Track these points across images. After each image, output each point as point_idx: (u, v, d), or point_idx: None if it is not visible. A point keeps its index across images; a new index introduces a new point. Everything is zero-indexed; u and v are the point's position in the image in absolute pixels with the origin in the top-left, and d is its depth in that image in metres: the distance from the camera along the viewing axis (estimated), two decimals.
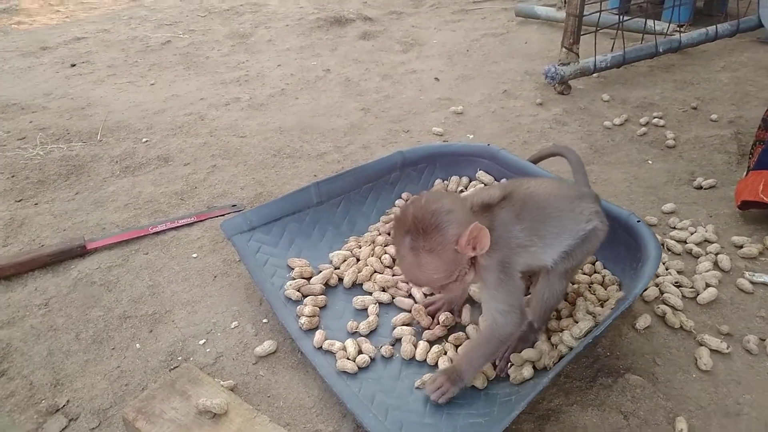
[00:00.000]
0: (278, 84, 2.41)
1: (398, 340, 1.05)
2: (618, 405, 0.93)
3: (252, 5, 3.49)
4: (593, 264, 1.17)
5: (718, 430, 0.91)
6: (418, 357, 1.02)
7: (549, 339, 1.02)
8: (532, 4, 3.00)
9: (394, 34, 2.91)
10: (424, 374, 0.98)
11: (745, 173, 1.43)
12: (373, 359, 1.01)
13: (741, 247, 1.28)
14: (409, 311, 1.10)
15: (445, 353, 1.02)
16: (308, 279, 1.17)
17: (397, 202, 1.38)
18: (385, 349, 1.03)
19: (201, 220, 1.45)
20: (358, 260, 1.22)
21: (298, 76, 2.48)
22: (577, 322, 1.01)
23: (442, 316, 1.08)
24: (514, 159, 1.35)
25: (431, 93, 2.24)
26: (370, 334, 1.07)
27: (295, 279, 1.15)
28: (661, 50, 2.27)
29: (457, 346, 1.03)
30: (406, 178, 1.41)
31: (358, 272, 1.17)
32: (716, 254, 1.25)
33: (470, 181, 1.41)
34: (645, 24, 2.32)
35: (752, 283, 1.18)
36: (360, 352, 1.01)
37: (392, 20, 3.13)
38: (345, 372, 0.98)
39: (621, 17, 2.30)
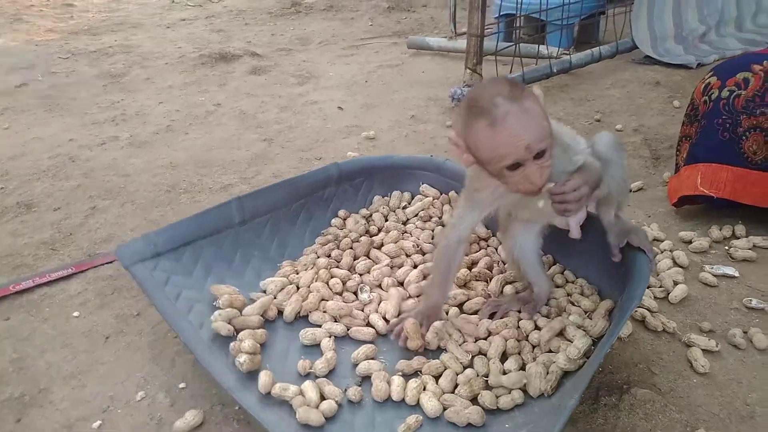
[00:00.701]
0: (162, 121, 2.14)
1: (366, 379, 0.85)
2: (632, 426, 0.79)
3: (123, 47, 3.18)
4: (562, 273, 1.05)
5: None
6: (394, 396, 0.82)
7: (535, 359, 0.87)
8: (423, 36, 3.01)
9: (287, 68, 2.76)
10: (407, 417, 0.78)
11: (675, 170, 1.42)
12: (339, 405, 0.80)
13: (690, 242, 1.24)
14: (372, 342, 0.90)
15: (425, 388, 0.83)
16: (240, 310, 0.93)
17: (333, 221, 1.19)
18: (353, 392, 0.82)
19: (81, 271, 1.15)
20: (298, 288, 1.01)
21: (184, 112, 2.23)
22: (571, 341, 0.87)
23: (430, 333, 0.91)
24: (462, 169, 1.22)
25: (337, 121, 2.10)
26: (330, 375, 0.85)
27: (223, 309, 0.91)
28: (555, 70, 2.32)
29: (437, 378, 0.85)
30: (341, 195, 1.23)
31: (303, 301, 0.96)
32: (671, 251, 1.20)
33: (413, 197, 1.26)
34: (538, 48, 2.38)
35: (714, 275, 1.12)
36: (323, 397, 0.80)
37: (282, 56, 2.98)
38: (308, 425, 0.75)
39: (517, 42, 2.34)
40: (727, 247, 1.22)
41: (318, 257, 1.08)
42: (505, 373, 0.85)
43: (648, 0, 2.65)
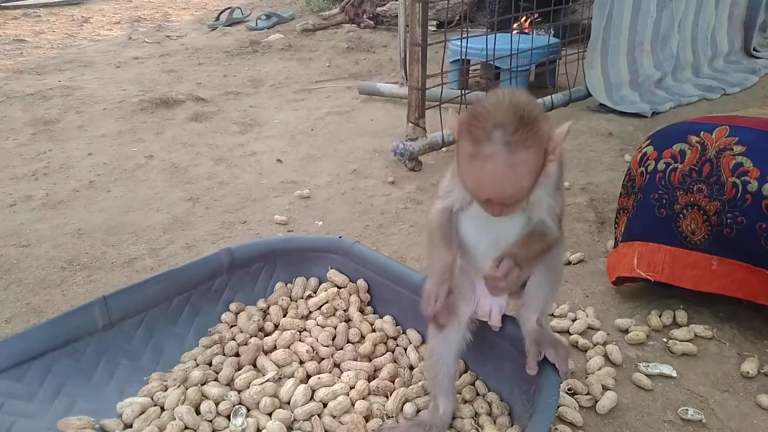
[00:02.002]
0: (86, 175, 2.00)
1: None
2: None
3: (64, 88, 3.04)
4: (473, 384, 0.93)
5: None
6: None
7: None
8: (374, 82, 2.93)
9: (231, 114, 2.65)
10: None
11: (614, 245, 1.32)
12: None
13: (626, 331, 1.13)
14: None
15: None
16: None
17: (223, 316, 1.05)
18: None
19: None
20: (162, 410, 0.86)
21: (112, 165, 2.09)
22: None
23: None
24: (372, 255, 1.10)
25: (273, 176, 1.98)
26: None
27: None
28: None
29: None
30: (236, 284, 1.09)
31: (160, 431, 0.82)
32: (604, 344, 1.09)
33: (320, 283, 1.13)
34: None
35: (648, 376, 1.01)
36: None
37: (228, 100, 2.87)
38: None
39: (463, 90, 2.26)
40: (665, 339, 1.11)
41: (197, 365, 0.94)
42: None
43: (602, 48, 2.61)
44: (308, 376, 0.93)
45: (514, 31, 3.15)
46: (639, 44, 2.77)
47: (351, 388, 0.89)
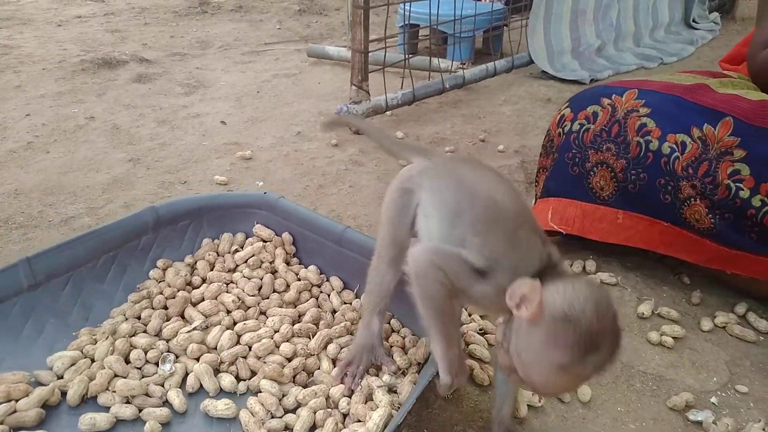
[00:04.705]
0: (24, 137, 1.96)
1: None
2: None
3: (1, 47, 2.93)
4: (389, 323, 1.00)
5: None
6: None
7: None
8: (323, 45, 2.93)
9: (176, 76, 2.61)
10: None
11: (534, 202, 1.41)
12: None
13: None
14: (167, 424, 0.82)
15: None
16: (17, 400, 0.82)
17: (151, 272, 1.08)
18: None
19: None
20: (92, 361, 0.90)
21: (51, 126, 2.06)
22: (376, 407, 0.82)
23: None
24: (297, 209, 1.15)
25: (216, 138, 1.99)
26: None
27: None
28: (447, 86, 2.30)
29: None
30: (162, 241, 1.12)
31: (90, 380, 0.86)
32: None
33: (246, 238, 1.18)
34: (430, 62, 2.35)
35: None
36: None
37: (174, 62, 2.82)
38: None
39: (407, 55, 2.29)
40: None
41: (126, 319, 0.97)
42: None
43: (544, 15, 2.67)
44: (234, 324, 0.98)
45: None
46: (582, 12, 2.86)
47: (275, 332, 0.95)
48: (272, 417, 0.83)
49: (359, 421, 0.81)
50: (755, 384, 1.01)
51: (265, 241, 1.15)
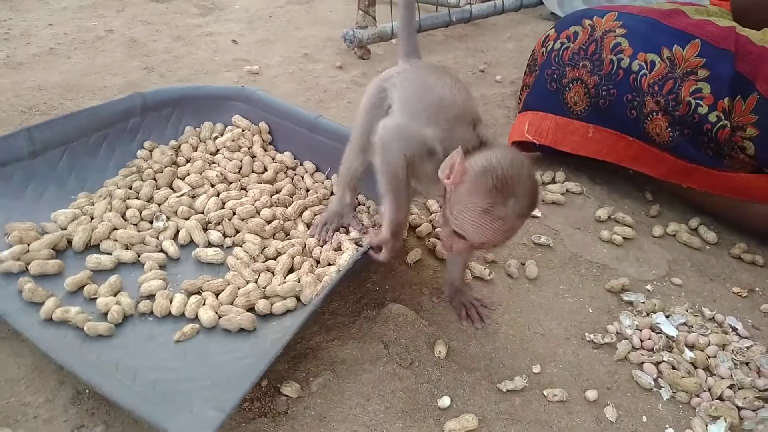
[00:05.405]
0: (47, 43, 2.08)
1: (151, 297, 0.90)
2: (380, 335, 0.89)
3: None
4: (357, 199, 1.13)
5: (476, 348, 0.91)
6: (174, 311, 0.88)
7: (313, 272, 0.94)
8: None
9: None
10: (183, 327, 0.85)
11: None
12: (129, 317, 0.87)
13: None
14: (162, 267, 0.96)
15: (204, 303, 0.89)
16: (29, 244, 0.95)
17: (139, 152, 1.19)
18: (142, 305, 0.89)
19: None
20: (92, 219, 1.02)
21: (73, 35, 2.17)
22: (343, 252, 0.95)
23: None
24: (273, 100, 1.27)
25: (227, 55, 2.09)
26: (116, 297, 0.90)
27: (12, 247, 0.92)
28: (454, 19, 2.35)
29: (216, 294, 0.91)
30: (149, 125, 1.23)
31: (93, 230, 0.99)
32: None
33: (225, 127, 1.29)
34: None
35: None
36: (106, 315, 0.86)
37: None
38: (99, 336, 0.82)
39: None
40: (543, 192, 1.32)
41: (118, 188, 1.09)
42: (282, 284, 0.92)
43: None
44: (219, 194, 1.10)
45: None
46: None
47: (256, 201, 1.08)
48: (255, 261, 0.96)
49: (330, 264, 0.94)
50: (690, 279, 1.13)
51: (243, 130, 1.26)
